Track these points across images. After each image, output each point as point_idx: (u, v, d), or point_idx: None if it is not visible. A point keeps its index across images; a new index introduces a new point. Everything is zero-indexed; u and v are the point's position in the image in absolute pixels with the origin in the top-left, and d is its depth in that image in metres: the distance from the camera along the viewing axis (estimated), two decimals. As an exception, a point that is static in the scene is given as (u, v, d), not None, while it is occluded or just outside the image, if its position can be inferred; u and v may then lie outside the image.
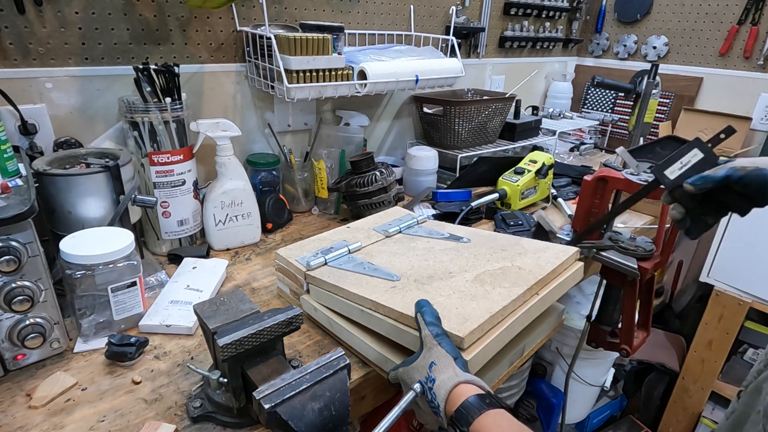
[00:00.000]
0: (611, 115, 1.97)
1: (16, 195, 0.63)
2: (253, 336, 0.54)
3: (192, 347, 0.73)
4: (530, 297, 0.68)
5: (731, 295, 1.41)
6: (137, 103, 0.90)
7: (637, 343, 0.89)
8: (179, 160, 0.95)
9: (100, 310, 0.72)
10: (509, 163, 1.35)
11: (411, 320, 0.60)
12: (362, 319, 0.68)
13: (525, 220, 1.18)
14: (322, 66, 1.07)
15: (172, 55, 1.07)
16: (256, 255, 1.03)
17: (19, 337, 0.62)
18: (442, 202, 1.27)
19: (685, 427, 1.64)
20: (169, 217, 0.98)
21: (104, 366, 0.68)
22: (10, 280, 0.61)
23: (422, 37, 1.47)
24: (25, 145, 0.92)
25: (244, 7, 1.15)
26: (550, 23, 1.96)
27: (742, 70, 1.75)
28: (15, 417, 0.58)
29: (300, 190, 1.26)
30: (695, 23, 1.84)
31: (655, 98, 1.48)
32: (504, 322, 0.62)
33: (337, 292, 0.71)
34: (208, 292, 0.84)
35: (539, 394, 1.49)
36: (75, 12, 0.93)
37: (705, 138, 0.64)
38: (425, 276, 0.71)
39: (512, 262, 0.74)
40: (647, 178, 0.92)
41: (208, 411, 0.59)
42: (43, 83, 0.94)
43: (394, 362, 0.63)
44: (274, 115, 1.28)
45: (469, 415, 0.47)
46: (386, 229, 0.89)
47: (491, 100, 1.47)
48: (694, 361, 1.55)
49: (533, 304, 0.67)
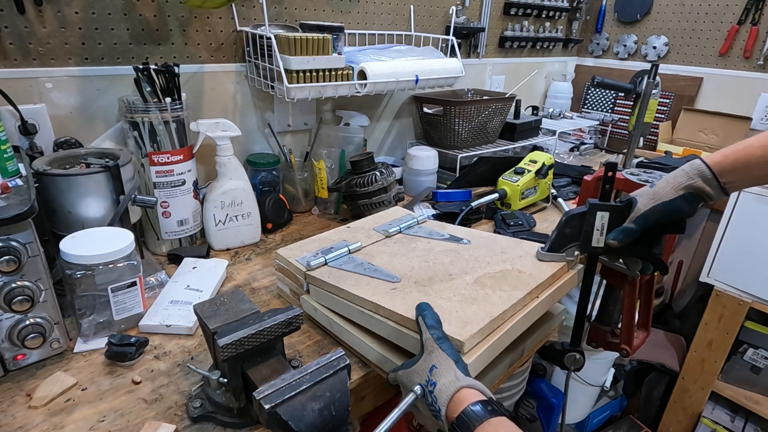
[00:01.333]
0: (611, 115, 1.97)
1: (16, 195, 0.63)
2: (253, 336, 0.54)
3: (192, 347, 0.73)
4: (530, 301, 0.68)
5: (731, 295, 1.41)
6: (137, 103, 0.90)
7: (637, 343, 0.88)
8: (179, 160, 0.95)
9: (100, 310, 0.72)
10: (509, 163, 1.35)
11: (412, 323, 0.60)
12: (362, 321, 0.68)
13: (525, 220, 1.18)
14: (322, 66, 1.07)
15: (172, 55, 1.07)
16: (256, 255, 1.03)
17: (19, 337, 0.62)
18: (442, 202, 1.27)
19: (685, 427, 1.64)
20: (169, 217, 0.98)
21: (104, 366, 0.68)
22: (10, 280, 0.61)
23: (422, 37, 1.47)
24: (25, 145, 0.92)
25: (244, 7, 1.15)
26: (550, 23, 1.96)
27: (742, 70, 1.75)
28: (15, 417, 0.58)
29: (300, 190, 1.26)
30: (695, 23, 1.84)
31: (655, 98, 1.48)
32: (504, 326, 0.62)
33: (338, 293, 0.71)
34: (208, 292, 0.84)
35: (539, 394, 1.49)
36: (75, 12, 0.93)
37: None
38: (425, 278, 0.71)
39: (512, 265, 0.74)
40: (647, 178, 0.92)
41: (208, 411, 0.59)
42: (43, 83, 0.94)
43: (394, 363, 0.63)
44: (274, 115, 1.28)
45: (471, 423, 0.46)
46: (386, 229, 0.89)
47: (491, 100, 1.47)
48: (694, 361, 1.55)
49: (533, 307, 0.67)
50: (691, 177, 0.62)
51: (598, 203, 0.68)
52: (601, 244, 0.69)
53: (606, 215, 0.68)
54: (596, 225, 0.69)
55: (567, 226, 0.72)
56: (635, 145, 1.52)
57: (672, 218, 0.63)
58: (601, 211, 0.68)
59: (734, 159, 0.61)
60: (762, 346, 1.44)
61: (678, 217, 0.63)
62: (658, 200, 0.63)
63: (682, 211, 0.63)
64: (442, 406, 0.50)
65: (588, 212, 0.69)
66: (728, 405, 1.58)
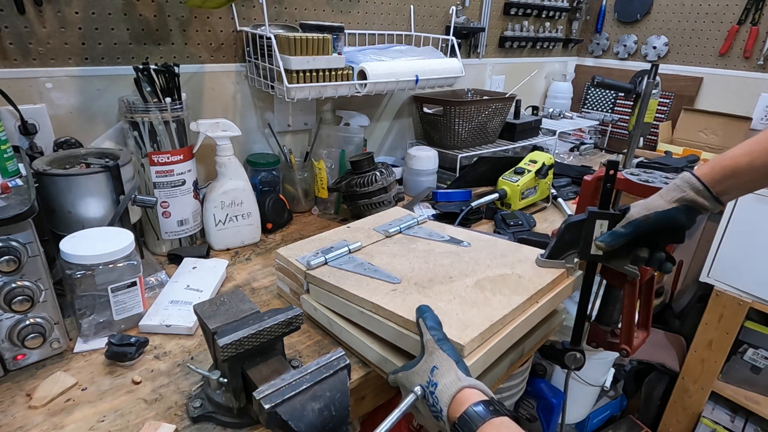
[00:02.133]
0: (611, 115, 1.97)
1: (16, 195, 0.63)
2: (253, 336, 0.54)
3: (192, 347, 0.73)
4: (530, 306, 0.68)
5: (731, 295, 1.41)
6: (137, 103, 0.90)
7: (637, 343, 0.88)
8: (179, 160, 0.95)
9: (100, 310, 0.72)
10: (509, 163, 1.35)
11: (412, 324, 0.60)
12: (362, 321, 0.68)
13: (525, 220, 1.18)
14: (322, 66, 1.07)
15: (172, 55, 1.07)
16: (256, 255, 1.03)
17: (19, 337, 0.62)
18: (442, 202, 1.27)
19: (685, 427, 1.64)
20: (169, 217, 0.98)
21: (104, 366, 0.68)
22: (10, 280, 0.61)
23: (422, 37, 1.47)
24: (25, 145, 0.92)
25: (244, 7, 1.15)
26: (550, 23, 1.96)
27: (742, 70, 1.75)
28: (15, 417, 0.58)
29: (300, 190, 1.26)
30: (695, 23, 1.84)
31: (655, 98, 1.48)
32: (503, 330, 0.62)
33: (338, 293, 0.71)
34: (208, 292, 0.84)
35: (539, 394, 1.49)
36: (75, 12, 0.93)
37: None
38: (425, 279, 0.71)
39: (512, 269, 0.74)
40: (647, 178, 0.92)
41: (208, 411, 0.59)
42: (43, 83, 0.94)
43: (394, 363, 0.63)
44: (274, 115, 1.28)
45: (473, 423, 0.46)
46: (386, 229, 0.89)
47: (491, 100, 1.47)
48: (694, 361, 1.55)
49: (532, 312, 0.67)
50: (682, 189, 0.64)
51: (597, 211, 0.69)
52: (601, 252, 0.70)
53: (605, 223, 0.68)
54: (595, 233, 0.69)
55: (566, 233, 0.72)
56: (635, 145, 1.52)
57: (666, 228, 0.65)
58: (601, 219, 0.68)
59: (721, 168, 0.64)
60: (762, 346, 1.44)
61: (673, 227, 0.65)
62: (651, 210, 0.65)
63: (677, 222, 0.64)
64: (443, 406, 0.50)
65: (587, 220, 0.69)
66: (728, 405, 1.58)
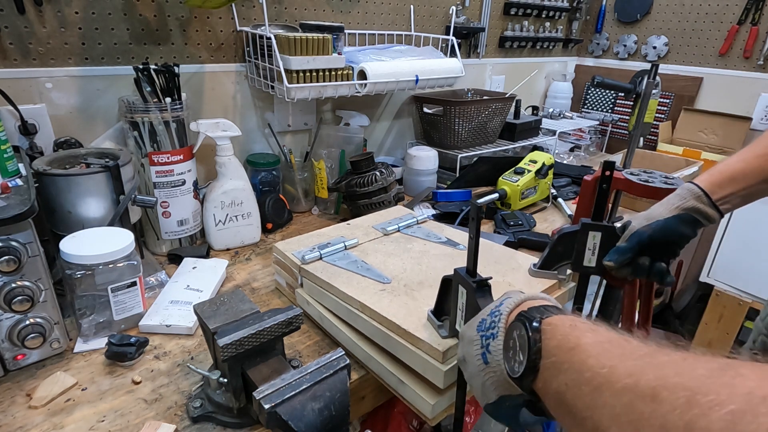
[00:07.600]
0: (611, 115, 1.97)
1: (16, 195, 0.63)
2: (253, 336, 0.54)
3: (192, 347, 0.73)
4: None
5: (731, 295, 1.41)
6: (137, 103, 0.90)
7: (637, 343, 0.88)
8: (179, 160, 0.95)
9: (100, 310, 0.72)
10: (509, 163, 1.35)
11: (395, 325, 0.60)
12: (350, 319, 0.69)
13: (525, 220, 1.18)
14: (322, 66, 1.07)
15: (172, 55, 1.07)
16: (256, 255, 1.03)
17: (19, 337, 0.62)
18: (442, 202, 1.27)
19: (685, 427, 1.64)
20: (169, 217, 0.98)
21: (104, 366, 0.68)
22: (10, 280, 0.61)
23: (422, 37, 1.47)
24: (25, 145, 0.92)
25: (244, 7, 1.15)
26: (550, 23, 1.96)
27: (742, 70, 1.75)
28: (15, 417, 0.58)
29: (300, 190, 1.26)
30: (695, 23, 1.83)
31: (655, 98, 1.48)
32: None
33: (328, 289, 0.72)
34: (208, 292, 0.84)
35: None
36: (75, 12, 0.93)
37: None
38: (416, 281, 0.71)
39: (504, 277, 0.74)
40: (647, 178, 0.92)
41: (208, 411, 0.59)
42: (43, 83, 0.94)
43: (379, 362, 0.64)
44: (274, 115, 1.28)
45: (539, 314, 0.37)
46: (385, 227, 0.89)
47: (491, 100, 1.47)
48: (694, 361, 1.56)
49: None
50: (683, 198, 0.65)
51: (590, 223, 0.68)
52: (593, 264, 0.69)
53: (598, 235, 0.68)
54: (588, 245, 0.69)
55: (559, 244, 0.72)
56: (635, 145, 1.52)
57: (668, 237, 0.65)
58: (593, 231, 0.68)
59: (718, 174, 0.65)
60: (762, 346, 1.44)
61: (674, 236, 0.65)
62: (651, 220, 0.65)
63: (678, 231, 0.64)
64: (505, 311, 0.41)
65: (580, 231, 0.69)
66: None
